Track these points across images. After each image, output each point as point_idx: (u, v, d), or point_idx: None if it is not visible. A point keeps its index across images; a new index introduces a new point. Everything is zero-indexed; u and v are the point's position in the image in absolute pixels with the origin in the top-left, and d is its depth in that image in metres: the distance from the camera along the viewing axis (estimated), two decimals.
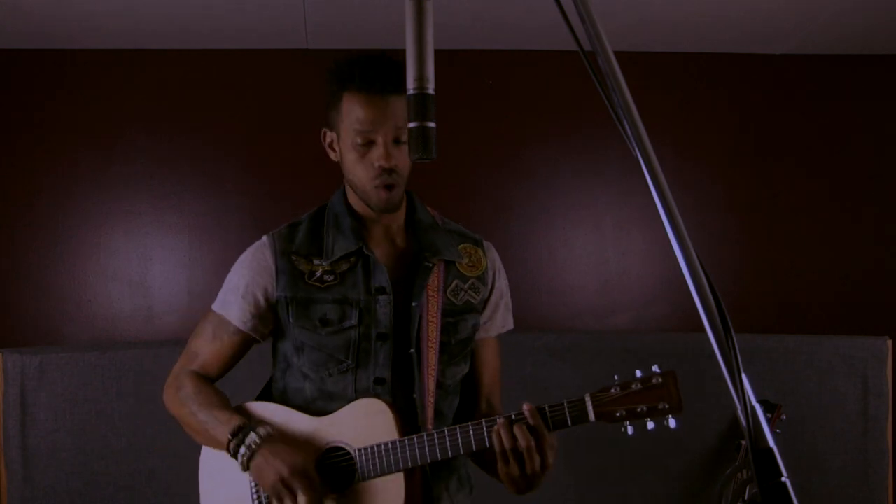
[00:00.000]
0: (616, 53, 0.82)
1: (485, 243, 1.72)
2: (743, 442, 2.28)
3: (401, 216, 1.64)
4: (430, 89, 0.90)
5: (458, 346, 1.63)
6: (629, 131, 0.81)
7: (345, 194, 1.65)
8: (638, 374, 1.44)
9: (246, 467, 1.51)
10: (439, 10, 0.91)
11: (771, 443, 0.75)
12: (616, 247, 3.18)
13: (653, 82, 3.16)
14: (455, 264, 1.64)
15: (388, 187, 1.53)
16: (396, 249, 1.63)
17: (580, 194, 3.19)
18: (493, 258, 1.71)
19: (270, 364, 1.72)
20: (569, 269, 3.16)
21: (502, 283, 1.72)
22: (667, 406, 1.40)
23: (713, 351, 0.77)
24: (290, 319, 1.58)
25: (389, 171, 1.52)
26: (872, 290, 3.17)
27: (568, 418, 1.43)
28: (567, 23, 0.85)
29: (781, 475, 0.74)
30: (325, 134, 1.65)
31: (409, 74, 0.89)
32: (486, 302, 1.68)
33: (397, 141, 1.52)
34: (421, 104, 0.90)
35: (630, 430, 1.41)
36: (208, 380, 1.66)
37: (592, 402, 1.43)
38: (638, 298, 3.17)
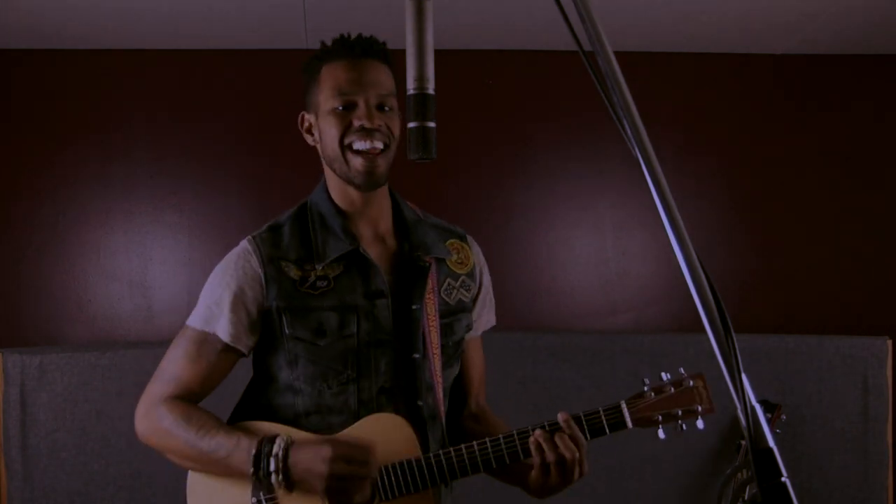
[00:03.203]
0: (616, 53, 0.82)
1: (468, 238, 1.65)
2: (743, 442, 2.28)
3: (387, 214, 1.56)
4: (430, 89, 0.90)
5: (453, 346, 1.57)
6: (629, 131, 0.81)
7: (326, 189, 1.55)
8: (665, 377, 1.45)
9: (284, 479, 1.36)
10: (439, 10, 0.91)
11: (771, 443, 0.74)
12: (616, 247, 3.18)
13: (653, 82, 3.16)
14: (445, 262, 1.57)
15: (369, 157, 1.44)
16: (388, 249, 1.54)
17: (580, 194, 3.19)
18: (477, 252, 1.64)
19: (239, 379, 1.57)
20: (569, 269, 3.16)
21: (487, 279, 1.65)
22: (700, 408, 1.43)
23: (713, 351, 0.77)
24: (286, 330, 1.45)
25: (370, 131, 1.43)
26: (872, 290, 3.17)
27: (606, 426, 1.41)
28: (567, 23, 0.85)
29: (781, 475, 0.74)
30: (302, 117, 1.57)
31: (409, 74, 0.89)
32: (475, 299, 1.63)
33: (381, 107, 1.45)
34: (421, 104, 0.90)
35: (662, 433, 1.42)
36: (192, 402, 1.49)
37: (629, 408, 1.42)
38: (638, 298, 3.17)
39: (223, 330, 1.47)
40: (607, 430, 1.41)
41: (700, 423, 1.43)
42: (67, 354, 2.49)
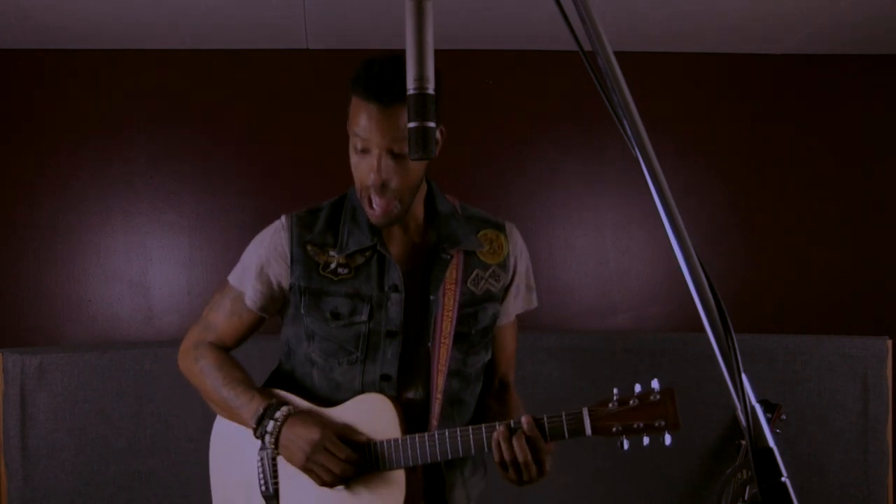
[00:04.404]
0: (616, 53, 0.82)
1: (507, 226, 1.69)
2: (743, 442, 2.28)
3: (419, 208, 1.62)
4: (430, 89, 0.90)
5: (478, 335, 1.62)
6: (629, 131, 0.81)
7: None
8: (637, 388, 1.43)
9: (274, 444, 1.53)
10: (439, 10, 0.91)
11: (771, 443, 0.75)
12: (616, 247, 3.18)
13: (653, 82, 3.16)
14: (475, 253, 1.63)
15: (380, 205, 1.50)
16: (414, 242, 1.62)
17: (580, 194, 3.19)
18: (514, 241, 1.68)
19: (271, 358, 1.73)
20: (569, 269, 3.16)
21: (523, 266, 1.70)
22: (663, 423, 1.40)
23: (713, 351, 0.77)
24: (302, 310, 1.58)
25: (381, 186, 1.48)
26: (872, 290, 3.17)
27: (565, 431, 1.44)
28: (567, 23, 0.85)
29: (781, 475, 0.74)
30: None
31: (409, 74, 0.89)
32: (507, 289, 1.67)
33: (395, 154, 1.46)
34: (421, 104, 0.90)
35: (626, 444, 1.42)
36: (226, 350, 1.68)
37: (590, 416, 1.43)
38: (638, 298, 3.17)
39: (249, 296, 1.62)
40: (567, 435, 1.44)
41: (667, 440, 1.39)
42: (67, 354, 2.49)
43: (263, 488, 1.58)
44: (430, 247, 1.60)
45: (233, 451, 1.64)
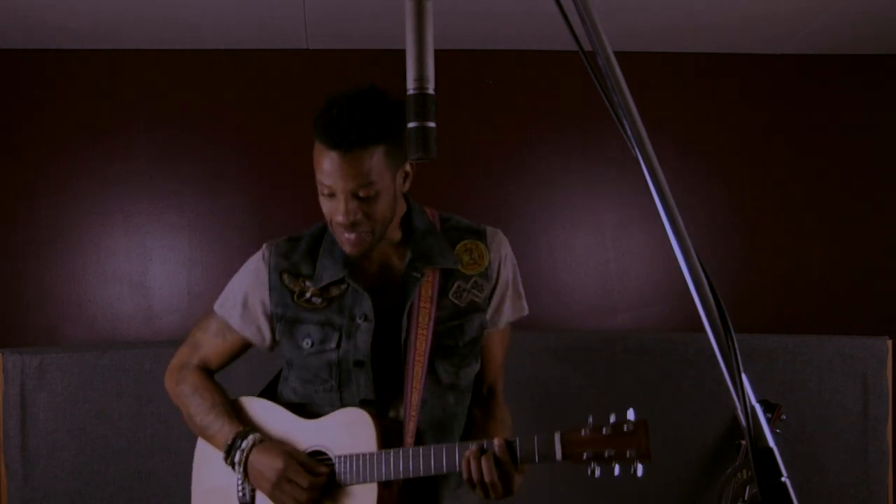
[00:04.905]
0: (616, 53, 0.82)
1: (488, 232, 1.67)
2: (743, 442, 2.28)
3: (395, 231, 1.62)
4: (431, 89, 0.89)
5: (466, 346, 1.62)
6: (629, 131, 0.81)
7: None
8: (612, 418, 1.43)
9: (243, 473, 1.58)
10: (439, 10, 0.91)
11: (771, 443, 0.74)
12: (616, 247, 3.18)
13: (653, 82, 3.16)
14: (453, 268, 1.62)
15: (351, 241, 1.52)
16: (390, 267, 1.62)
17: (580, 194, 3.19)
18: (497, 248, 1.66)
19: (272, 362, 1.77)
20: (569, 269, 3.16)
21: (508, 272, 1.68)
22: (634, 453, 1.40)
23: (713, 351, 0.77)
24: (278, 337, 1.65)
25: (350, 225, 1.50)
26: (872, 290, 3.17)
27: (536, 454, 1.44)
28: (567, 23, 0.85)
29: (781, 475, 0.74)
30: None
31: (409, 74, 0.89)
32: (490, 296, 1.65)
33: (359, 197, 1.48)
34: (421, 104, 0.89)
35: (598, 472, 1.42)
36: (208, 372, 1.73)
37: (561, 441, 1.43)
38: (638, 298, 3.17)
39: (235, 323, 1.68)
40: (537, 459, 1.45)
41: (639, 470, 1.39)
42: (67, 354, 2.49)
43: (241, 495, 1.62)
44: (405, 266, 1.60)
45: (215, 457, 1.66)
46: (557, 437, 1.43)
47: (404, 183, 1.58)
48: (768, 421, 2.10)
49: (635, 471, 1.40)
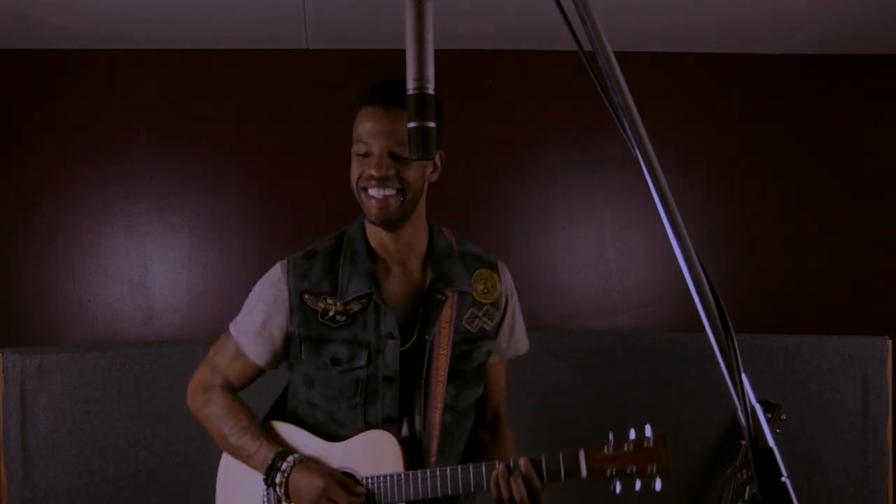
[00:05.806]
0: (616, 53, 0.82)
1: (499, 265, 1.73)
2: (743, 442, 2.28)
3: (420, 248, 1.65)
4: (430, 89, 0.89)
5: (471, 371, 1.67)
6: (629, 131, 0.81)
7: (363, 226, 1.66)
8: (632, 434, 1.47)
9: (285, 493, 1.59)
10: (439, 10, 0.91)
11: (771, 443, 0.74)
12: (616, 247, 3.18)
13: (653, 82, 3.16)
14: (470, 293, 1.66)
15: (381, 201, 1.53)
16: (412, 284, 1.65)
17: (580, 194, 3.19)
18: (506, 281, 1.73)
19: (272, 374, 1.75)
20: (569, 269, 3.16)
21: (514, 305, 1.75)
22: (655, 469, 1.43)
23: (713, 351, 0.76)
24: (302, 357, 1.63)
25: (382, 179, 1.52)
26: (872, 290, 3.17)
27: (562, 472, 1.49)
28: (567, 23, 0.85)
29: (781, 475, 0.73)
30: None
31: (409, 74, 0.89)
32: (499, 326, 1.71)
33: (396, 157, 1.52)
34: (421, 104, 0.89)
35: (619, 488, 1.45)
36: (234, 392, 1.73)
37: (586, 458, 1.47)
38: (638, 298, 3.17)
39: (252, 352, 1.67)
40: (563, 477, 1.49)
41: (657, 485, 1.43)
42: (67, 354, 2.49)
43: None
44: (427, 285, 1.64)
45: (239, 479, 1.69)
46: (582, 454, 1.47)
47: (433, 173, 1.63)
48: (768, 421, 2.10)
49: (653, 486, 1.44)
